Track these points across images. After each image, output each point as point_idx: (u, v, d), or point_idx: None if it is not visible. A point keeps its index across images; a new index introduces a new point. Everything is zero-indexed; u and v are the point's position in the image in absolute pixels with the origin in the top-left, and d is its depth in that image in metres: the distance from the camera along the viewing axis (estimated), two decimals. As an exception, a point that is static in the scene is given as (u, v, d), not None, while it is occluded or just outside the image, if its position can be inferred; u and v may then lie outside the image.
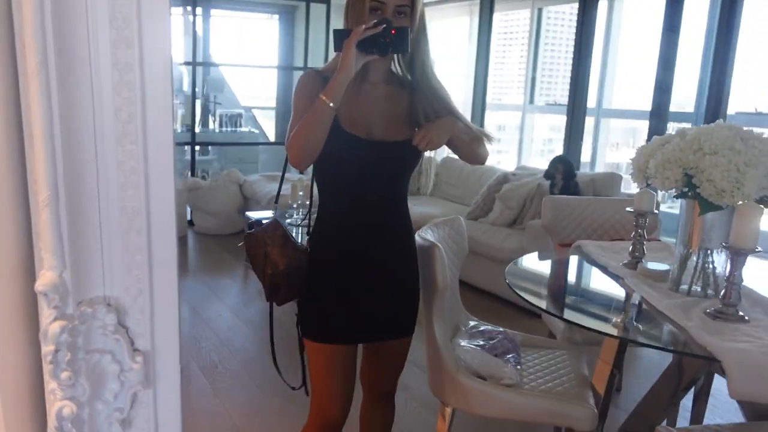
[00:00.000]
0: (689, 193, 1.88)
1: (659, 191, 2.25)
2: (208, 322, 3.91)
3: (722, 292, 1.82)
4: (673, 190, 1.94)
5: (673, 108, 4.94)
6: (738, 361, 1.53)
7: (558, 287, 2.51)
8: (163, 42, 0.77)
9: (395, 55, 1.71)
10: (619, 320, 2.05)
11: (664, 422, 2.54)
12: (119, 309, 0.82)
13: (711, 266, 2.00)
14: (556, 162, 4.15)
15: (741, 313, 1.80)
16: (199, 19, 8.17)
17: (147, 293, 0.84)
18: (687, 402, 2.73)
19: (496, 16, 6.89)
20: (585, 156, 6.09)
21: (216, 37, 8.53)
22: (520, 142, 6.86)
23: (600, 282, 2.42)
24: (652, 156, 1.94)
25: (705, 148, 1.81)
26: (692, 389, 2.64)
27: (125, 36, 0.75)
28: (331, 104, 1.57)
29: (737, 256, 1.77)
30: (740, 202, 1.76)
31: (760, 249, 1.76)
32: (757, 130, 1.92)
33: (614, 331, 2.02)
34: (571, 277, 2.62)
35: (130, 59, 0.75)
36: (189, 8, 6.29)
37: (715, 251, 1.99)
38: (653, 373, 2.80)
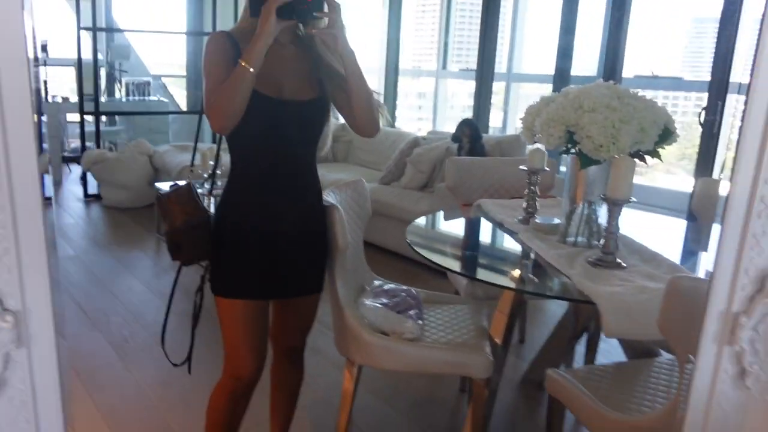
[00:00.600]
0: (572, 149, 2.00)
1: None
2: (118, 295, 3.83)
3: (602, 242, 1.96)
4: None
5: (577, 72, 5.13)
6: (610, 303, 1.66)
7: (458, 245, 2.61)
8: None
9: None
10: (514, 273, 2.16)
11: (562, 367, 2.71)
12: (-17, 269, 0.82)
13: (594, 218, 2.13)
14: (462, 125, 4.25)
15: (618, 260, 1.94)
16: (100, -17, 7.79)
17: (13, 252, 0.84)
18: (582, 348, 2.92)
19: (411, -19, 6.92)
20: (496, 120, 6.27)
21: (120, 1, 8.17)
22: (435, 107, 6.97)
23: (498, 238, 2.53)
24: (538, 115, 2.04)
25: (584, 106, 1.92)
26: (585, 335, 2.82)
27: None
28: (252, 69, 1.59)
29: (614, 207, 1.90)
30: (616, 156, 1.88)
31: (634, 200, 1.89)
32: (652, 92, 2.04)
33: (510, 284, 2.14)
34: (471, 235, 2.72)
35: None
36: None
37: (597, 204, 2.13)
38: (554, 323, 2.98)
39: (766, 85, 0.92)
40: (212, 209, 1.86)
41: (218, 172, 1.97)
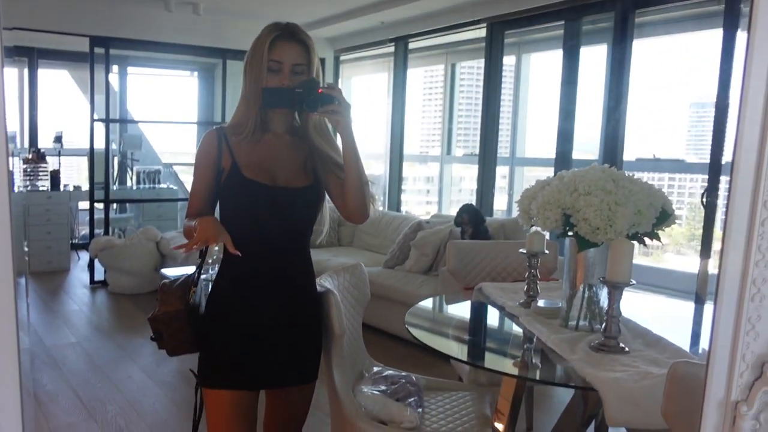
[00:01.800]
0: (569, 232, 1.99)
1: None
2: (116, 383, 3.76)
3: (603, 326, 1.91)
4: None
5: (579, 155, 5.20)
6: (612, 390, 1.60)
7: (460, 329, 2.56)
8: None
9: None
10: (516, 360, 2.11)
11: (571, 458, 2.59)
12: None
13: (596, 301, 2.09)
14: (461, 212, 4.28)
15: (621, 345, 1.89)
16: (115, 77, 8.10)
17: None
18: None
19: (417, 71, 7.16)
20: (501, 203, 6.31)
21: (133, 94, 8.46)
22: (440, 191, 7.04)
23: (499, 322, 2.49)
24: (534, 198, 2.05)
25: (580, 189, 1.93)
26: (593, 422, 2.71)
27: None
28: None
29: (614, 290, 1.87)
30: (613, 239, 1.87)
31: (634, 282, 1.86)
32: (654, 174, 2.06)
33: (512, 370, 2.08)
34: (472, 319, 2.68)
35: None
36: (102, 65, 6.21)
37: (599, 287, 2.09)
38: (563, 410, 2.87)
39: (749, 164, 0.91)
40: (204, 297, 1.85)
41: (209, 261, 1.97)
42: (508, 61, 5.90)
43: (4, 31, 0.81)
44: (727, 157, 4.05)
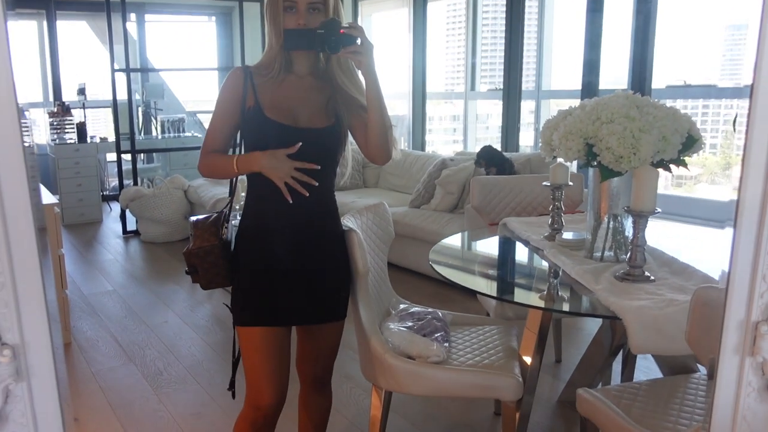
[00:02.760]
0: (592, 162, 1.95)
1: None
2: (153, 328, 3.87)
3: (628, 255, 1.90)
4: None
5: (606, 86, 5.06)
6: (636, 318, 1.60)
7: (484, 265, 2.56)
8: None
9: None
10: (543, 293, 2.11)
11: (599, 386, 2.62)
12: (-20, 304, 0.83)
13: (621, 231, 2.07)
14: (479, 157, 4.24)
15: (647, 274, 1.88)
16: (133, 25, 8.05)
17: (10, 286, 0.85)
18: (618, 366, 2.83)
19: (437, 5, 6.97)
20: (528, 140, 6.21)
21: (153, 43, 8.42)
22: (465, 129, 6.95)
23: (524, 256, 2.48)
24: (556, 129, 2.01)
25: (602, 118, 1.88)
26: (621, 352, 2.73)
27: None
28: (236, 171, 1.77)
29: (639, 219, 1.85)
30: (637, 167, 1.83)
31: (659, 210, 1.83)
32: (686, 101, 2.00)
33: (538, 302, 2.09)
34: (498, 254, 2.68)
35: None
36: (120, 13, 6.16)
37: (624, 217, 2.07)
38: (590, 341, 2.89)
39: (772, 82, 0.87)
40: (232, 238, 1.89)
41: (236, 206, 1.99)
42: (531, -10, 5.70)
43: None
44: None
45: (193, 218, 1.92)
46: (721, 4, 4.94)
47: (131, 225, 6.36)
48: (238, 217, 1.93)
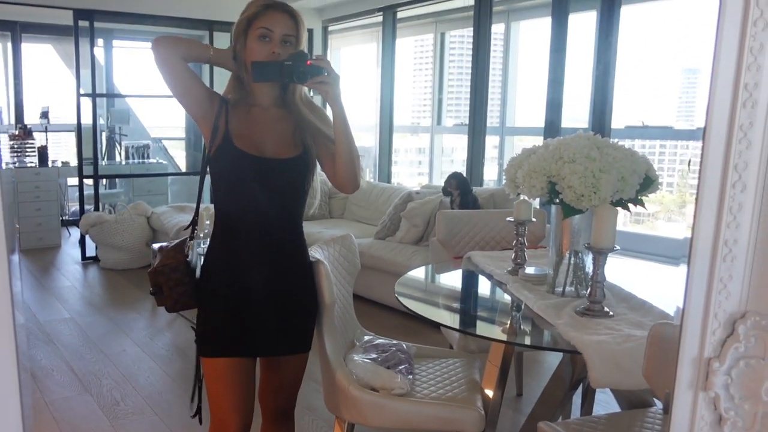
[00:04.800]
0: (555, 200, 2.01)
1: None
2: (111, 357, 3.79)
3: (588, 291, 1.95)
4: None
5: (569, 124, 5.21)
6: (596, 352, 1.64)
7: (448, 298, 2.59)
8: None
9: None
10: (504, 325, 2.15)
11: (560, 419, 2.65)
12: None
13: (582, 267, 2.13)
14: (449, 179, 4.31)
15: (606, 309, 1.93)
16: (100, 50, 8.00)
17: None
18: (578, 399, 2.87)
19: (406, 41, 7.11)
20: (492, 174, 6.33)
21: (120, 68, 8.37)
22: (431, 162, 7.05)
23: (487, 290, 2.52)
24: (520, 166, 2.07)
25: (565, 157, 1.94)
26: (581, 385, 2.77)
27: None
28: (211, 53, 1.77)
29: (599, 256, 1.90)
30: (597, 205, 1.89)
31: (618, 248, 1.90)
32: (644, 141, 2.08)
33: (500, 336, 2.12)
34: (461, 287, 2.72)
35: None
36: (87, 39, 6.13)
37: (584, 253, 2.13)
38: (551, 375, 2.93)
39: (721, 126, 0.93)
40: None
41: (200, 234, 1.98)
42: (497, 29, 5.87)
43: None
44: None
45: (157, 245, 1.92)
46: (677, 49, 5.16)
47: (90, 251, 6.24)
48: (203, 245, 1.93)
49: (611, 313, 1.93)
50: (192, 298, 1.82)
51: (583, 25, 5.15)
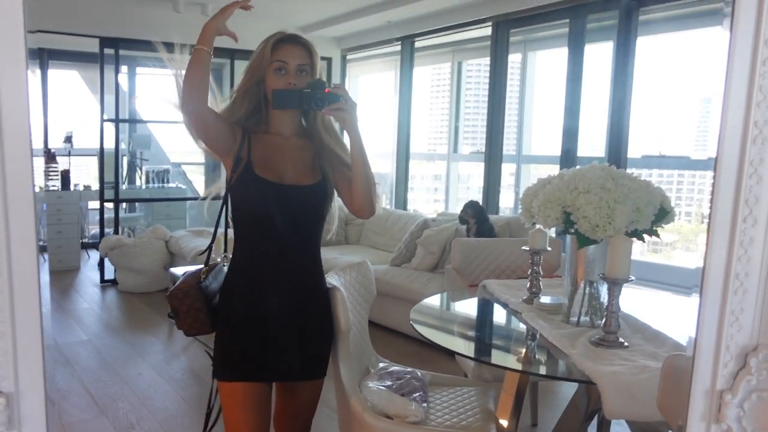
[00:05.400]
0: (570, 230, 2.03)
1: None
2: (127, 381, 3.82)
3: (603, 321, 1.95)
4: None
5: (585, 152, 5.22)
6: (611, 383, 1.64)
7: (464, 326, 2.60)
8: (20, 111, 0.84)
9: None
10: (519, 354, 2.15)
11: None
12: (-21, 352, 0.85)
13: (597, 297, 2.13)
14: (466, 207, 4.33)
15: (621, 340, 1.93)
16: (124, 77, 8.17)
17: (9, 335, 0.88)
18: (593, 430, 2.84)
19: (423, 70, 7.20)
20: (508, 201, 6.34)
21: (143, 94, 8.54)
22: (447, 189, 7.08)
23: (503, 319, 2.53)
24: (535, 196, 2.09)
25: (579, 188, 1.96)
26: (596, 416, 2.75)
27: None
28: (206, 48, 1.74)
29: (613, 286, 1.91)
30: (612, 236, 1.90)
31: (633, 278, 1.90)
32: (662, 171, 2.09)
33: (515, 365, 2.12)
34: (477, 315, 2.72)
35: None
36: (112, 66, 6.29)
37: (599, 283, 2.13)
38: (566, 405, 2.91)
39: (731, 161, 0.95)
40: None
41: (218, 259, 2.02)
42: (514, 58, 5.93)
43: (28, 35, 0.87)
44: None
45: (179, 269, 1.97)
46: (693, 79, 5.18)
47: (109, 274, 6.32)
48: (223, 268, 1.96)
49: (626, 343, 1.93)
50: (207, 323, 1.84)
51: (599, 55, 5.19)
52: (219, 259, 4.63)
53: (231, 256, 1.92)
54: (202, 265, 1.91)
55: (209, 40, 1.74)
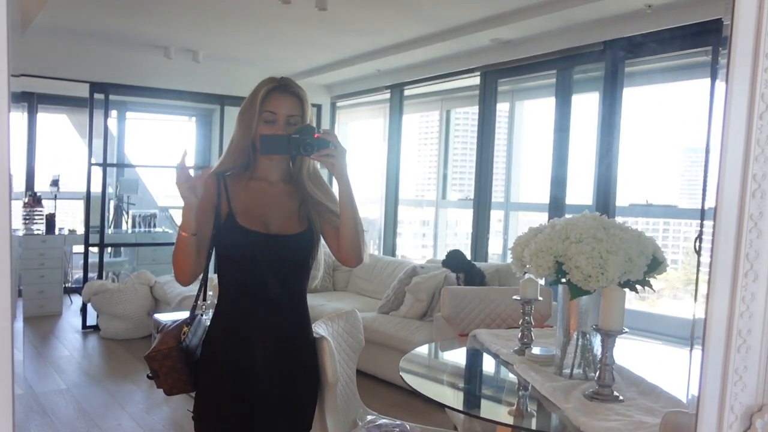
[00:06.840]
0: (562, 279, 2.00)
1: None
2: (105, 431, 3.69)
3: (597, 374, 1.91)
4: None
5: (573, 200, 5.24)
6: (607, 440, 1.59)
7: (454, 377, 2.54)
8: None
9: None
10: (512, 408, 2.10)
11: None
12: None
13: (590, 348, 2.09)
14: (449, 258, 4.32)
15: (616, 393, 1.88)
16: (113, 121, 8.18)
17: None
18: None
19: (412, 117, 7.28)
20: (497, 248, 6.33)
21: (131, 138, 8.53)
22: (435, 236, 7.07)
23: (493, 370, 2.47)
24: (526, 245, 2.06)
25: (571, 237, 1.94)
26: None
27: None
28: (191, 234, 1.70)
29: (607, 338, 1.87)
30: (605, 286, 1.88)
31: (626, 330, 1.87)
32: (648, 219, 2.08)
33: (507, 419, 2.07)
34: (466, 367, 2.66)
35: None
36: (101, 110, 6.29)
37: (592, 334, 2.09)
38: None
39: (730, 215, 0.93)
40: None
41: (203, 306, 1.96)
42: (502, 107, 6.00)
43: (12, 78, 0.85)
44: (711, 202, 4.07)
45: (160, 317, 1.91)
46: (678, 130, 5.25)
47: (92, 320, 6.18)
48: (208, 314, 1.91)
49: (621, 397, 1.88)
50: (189, 383, 1.78)
51: (586, 105, 5.27)
52: (204, 306, 4.54)
53: (211, 302, 1.87)
54: (181, 319, 1.84)
55: (189, 225, 1.71)
